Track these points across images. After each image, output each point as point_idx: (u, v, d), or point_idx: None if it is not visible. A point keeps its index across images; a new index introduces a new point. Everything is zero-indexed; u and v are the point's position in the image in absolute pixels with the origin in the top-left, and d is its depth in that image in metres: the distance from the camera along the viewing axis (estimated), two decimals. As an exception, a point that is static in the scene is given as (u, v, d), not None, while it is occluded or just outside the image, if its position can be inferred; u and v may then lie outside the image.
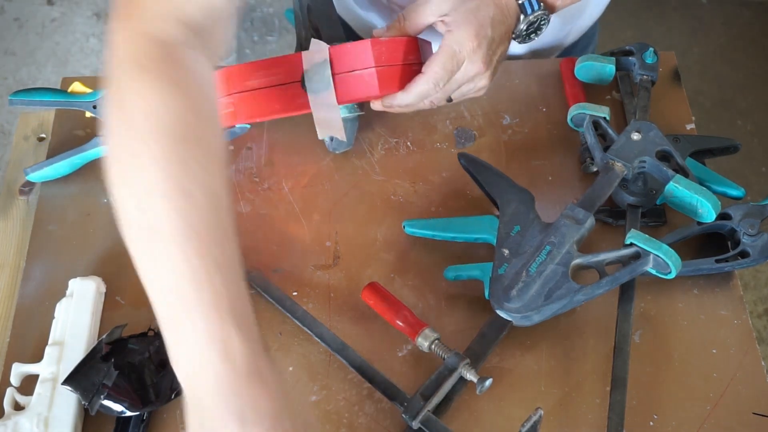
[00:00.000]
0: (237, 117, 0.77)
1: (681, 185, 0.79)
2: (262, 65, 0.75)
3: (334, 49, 0.75)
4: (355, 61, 0.75)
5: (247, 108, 0.76)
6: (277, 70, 0.75)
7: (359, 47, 0.75)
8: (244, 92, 0.75)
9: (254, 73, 0.75)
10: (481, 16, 0.77)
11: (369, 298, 0.78)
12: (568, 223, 0.77)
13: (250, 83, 0.75)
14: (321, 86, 0.75)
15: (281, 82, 0.75)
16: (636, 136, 0.82)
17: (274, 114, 0.77)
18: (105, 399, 0.71)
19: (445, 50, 0.77)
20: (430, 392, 0.72)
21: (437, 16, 0.77)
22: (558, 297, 0.73)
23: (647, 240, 0.74)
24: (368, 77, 0.75)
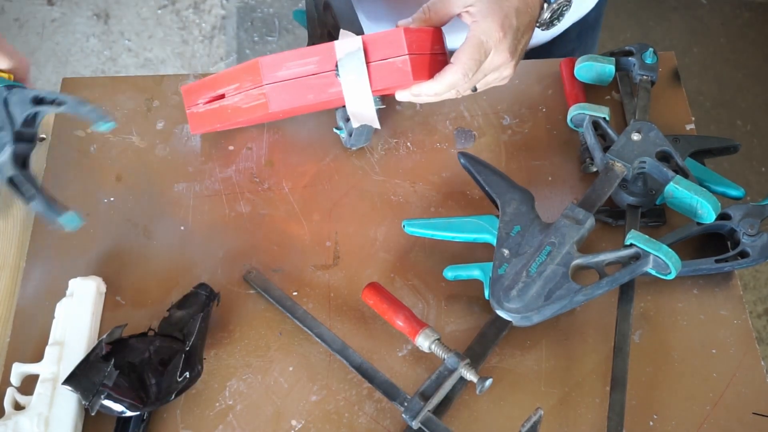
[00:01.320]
0: (270, 107, 0.77)
1: (681, 186, 0.79)
2: (295, 55, 0.75)
3: (367, 38, 0.75)
4: (388, 48, 0.75)
5: (279, 98, 0.76)
6: (310, 60, 0.75)
7: (392, 35, 0.75)
8: (276, 83, 0.75)
9: (286, 63, 0.75)
10: (506, 6, 0.77)
11: (369, 298, 0.78)
12: (569, 223, 0.77)
13: (282, 74, 0.75)
14: (355, 75, 0.75)
15: (314, 72, 0.75)
16: (636, 136, 0.82)
17: (306, 103, 0.77)
18: (105, 399, 0.71)
19: (473, 41, 0.77)
20: (430, 392, 0.72)
21: (462, 7, 0.78)
22: (558, 297, 0.73)
23: (647, 241, 0.74)
24: (401, 64, 0.76)
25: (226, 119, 0.83)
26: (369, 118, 0.79)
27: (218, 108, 0.83)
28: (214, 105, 0.84)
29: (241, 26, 2.37)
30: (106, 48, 2.31)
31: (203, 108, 0.85)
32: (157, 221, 0.87)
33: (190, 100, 0.86)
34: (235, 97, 0.80)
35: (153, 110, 0.96)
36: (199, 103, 0.85)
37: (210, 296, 0.79)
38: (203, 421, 0.75)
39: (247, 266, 0.83)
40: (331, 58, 0.75)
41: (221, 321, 0.80)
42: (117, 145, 0.93)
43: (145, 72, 2.26)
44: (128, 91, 0.97)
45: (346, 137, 0.89)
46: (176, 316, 0.78)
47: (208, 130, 0.88)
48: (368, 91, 0.77)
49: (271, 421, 0.75)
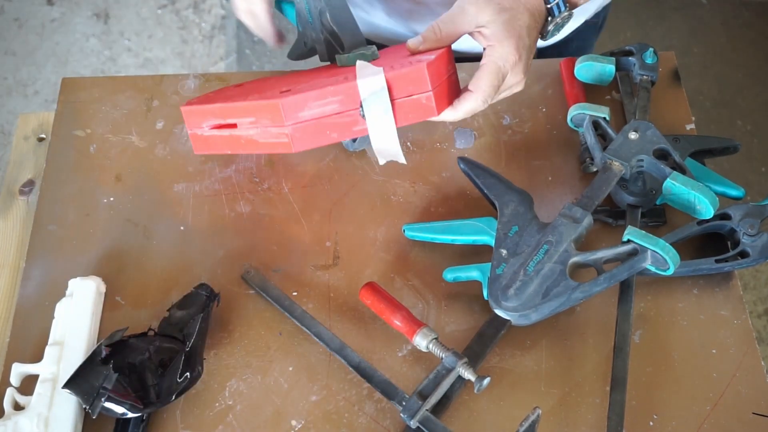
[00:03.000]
0: (293, 147, 0.76)
1: (678, 182, 0.79)
2: (317, 96, 0.74)
3: (390, 75, 0.74)
4: (411, 86, 0.74)
5: (303, 139, 0.76)
6: (333, 100, 0.74)
7: (415, 72, 0.74)
8: (298, 123, 0.74)
9: (308, 103, 0.74)
10: (518, 26, 0.76)
11: (367, 298, 0.78)
12: (566, 222, 0.77)
13: (304, 114, 0.74)
14: (380, 114, 0.74)
15: (338, 111, 0.75)
16: (633, 135, 0.82)
17: (329, 141, 0.76)
18: (106, 401, 0.71)
19: (491, 67, 0.76)
20: (428, 391, 0.72)
21: (474, 27, 0.77)
22: (556, 295, 0.73)
23: (644, 236, 0.74)
24: (426, 101, 0.75)
25: (237, 148, 0.82)
26: (394, 153, 0.77)
27: (229, 136, 0.82)
28: (223, 132, 0.82)
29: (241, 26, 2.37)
30: (105, 48, 2.31)
31: (209, 132, 0.83)
32: (156, 221, 0.87)
33: (193, 122, 0.84)
34: (250, 130, 0.79)
35: (153, 110, 0.96)
36: (204, 127, 0.83)
37: (210, 296, 0.79)
38: (203, 421, 0.75)
39: (246, 266, 0.83)
40: (355, 96, 0.74)
41: (221, 321, 0.80)
42: (117, 145, 0.93)
43: (145, 72, 2.26)
44: (128, 91, 0.97)
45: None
46: (176, 317, 0.78)
47: (215, 152, 0.86)
48: (393, 128, 0.76)
49: (271, 421, 0.75)
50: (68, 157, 0.92)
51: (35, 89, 2.24)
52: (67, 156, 0.92)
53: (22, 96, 2.23)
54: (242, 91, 0.87)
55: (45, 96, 2.23)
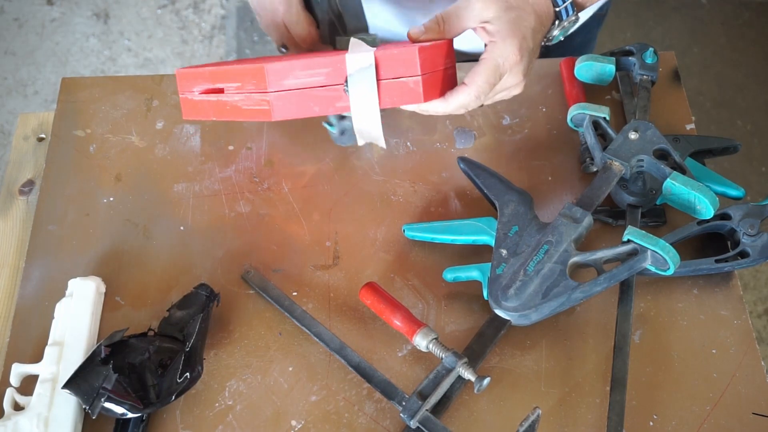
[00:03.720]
0: (273, 115, 0.75)
1: (678, 182, 0.79)
2: (303, 65, 0.73)
3: (379, 54, 0.73)
4: (401, 68, 0.73)
5: (284, 108, 0.74)
6: (319, 72, 0.73)
7: (406, 54, 0.73)
8: (281, 91, 0.73)
9: (294, 71, 0.73)
10: (523, 27, 0.76)
11: (366, 298, 0.78)
12: (566, 222, 0.77)
13: (289, 82, 0.73)
14: (365, 92, 0.73)
15: (322, 84, 0.73)
16: (633, 135, 0.82)
17: (310, 114, 0.75)
18: (106, 401, 0.71)
19: (489, 63, 0.75)
20: (428, 391, 0.72)
21: (479, 22, 0.76)
22: (556, 295, 0.73)
23: (644, 236, 0.74)
24: (413, 85, 0.74)
25: (222, 114, 0.81)
26: (375, 136, 0.77)
27: (216, 102, 0.81)
28: (210, 97, 0.81)
29: (241, 26, 2.37)
30: (105, 48, 2.31)
31: (198, 97, 0.82)
32: (156, 221, 0.87)
33: (185, 86, 0.83)
34: (235, 95, 0.78)
35: (153, 110, 0.96)
36: (194, 91, 0.82)
37: (210, 296, 0.79)
38: (203, 421, 0.75)
39: (246, 266, 0.83)
40: (341, 71, 0.73)
41: (221, 321, 0.80)
42: (116, 144, 0.93)
43: (145, 72, 2.26)
44: (128, 91, 0.97)
45: (337, 134, 0.87)
46: (176, 317, 0.78)
47: (202, 118, 0.85)
48: (377, 110, 0.75)
49: (271, 422, 0.75)
50: (68, 157, 0.92)
51: (35, 89, 2.24)
52: (67, 156, 0.92)
53: (22, 96, 2.23)
54: (238, 62, 0.85)
55: (45, 96, 2.23)
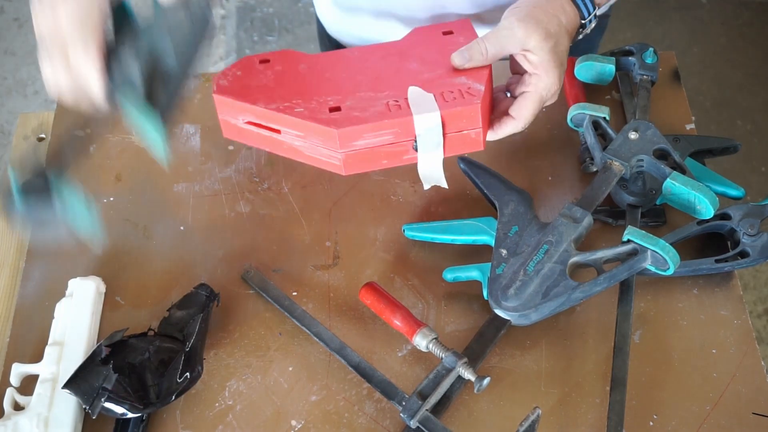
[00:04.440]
0: (345, 170, 0.79)
1: (678, 182, 0.79)
2: (373, 128, 0.76)
3: (445, 113, 0.76)
4: (463, 122, 0.77)
5: (355, 163, 0.78)
6: (388, 131, 0.76)
7: (469, 111, 0.77)
8: (352, 150, 0.77)
9: (364, 134, 0.76)
10: (560, 53, 0.79)
11: (366, 298, 0.78)
12: (566, 222, 0.77)
13: (359, 143, 0.77)
14: (431, 147, 0.77)
15: (391, 142, 0.77)
16: (633, 135, 0.82)
17: (380, 167, 0.79)
18: (106, 401, 0.71)
19: (536, 97, 0.80)
20: (428, 391, 0.72)
21: (520, 49, 0.79)
22: (556, 294, 0.73)
23: (644, 236, 0.74)
24: (475, 135, 0.79)
25: (277, 149, 0.83)
26: (438, 179, 0.80)
27: (269, 138, 0.82)
28: (262, 131, 0.82)
29: (241, 26, 2.37)
30: (105, 48, 2.31)
31: (245, 126, 0.83)
32: (156, 221, 0.87)
33: (227, 111, 0.83)
34: (296, 141, 0.80)
35: (153, 110, 0.95)
36: (239, 119, 0.83)
37: (210, 296, 0.79)
38: (203, 421, 0.75)
39: (246, 266, 0.83)
40: (409, 129, 0.76)
41: (221, 321, 0.80)
42: (117, 144, 0.93)
43: (145, 72, 2.26)
44: (128, 91, 0.97)
45: None
46: (176, 317, 0.78)
47: (246, 143, 0.86)
48: (441, 159, 0.79)
49: (271, 421, 0.75)
50: (68, 157, 0.92)
51: (35, 89, 2.24)
52: (67, 156, 0.92)
53: (22, 96, 2.23)
54: (280, 86, 0.84)
55: (45, 96, 2.23)
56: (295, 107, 0.79)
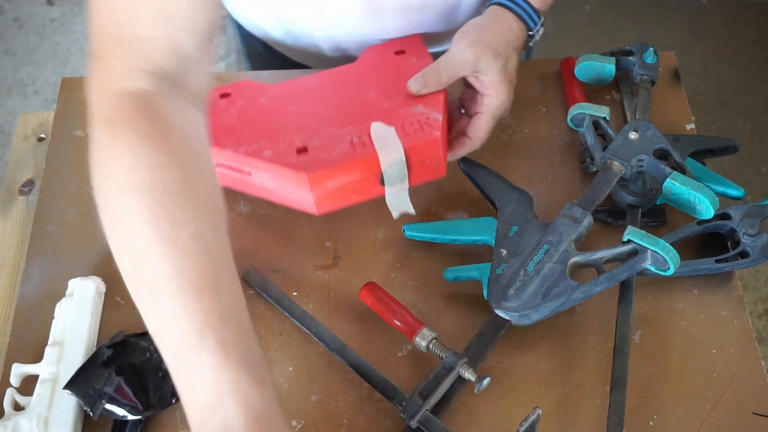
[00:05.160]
0: (318, 210, 0.81)
1: (678, 182, 0.79)
2: (342, 169, 0.78)
3: (407, 147, 0.79)
4: (426, 154, 0.80)
5: (327, 202, 0.81)
6: (356, 170, 0.79)
7: (430, 143, 0.79)
8: (323, 191, 0.79)
9: (334, 175, 0.78)
10: (509, 70, 0.83)
11: (367, 299, 0.78)
12: (566, 222, 0.77)
13: (329, 184, 0.79)
14: (397, 179, 0.80)
15: (359, 178, 0.80)
16: (633, 135, 0.82)
17: (350, 203, 0.82)
18: (107, 403, 0.71)
19: (488, 116, 0.83)
20: (428, 392, 0.72)
21: (472, 72, 0.82)
22: (556, 295, 0.73)
23: (644, 236, 0.74)
24: (437, 165, 0.82)
25: (250, 191, 0.85)
26: (405, 207, 0.82)
27: (241, 180, 0.83)
28: (234, 174, 0.83)
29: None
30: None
31: (219, 168, 0.84)
32: (156, 221, 0.87)
33: None
34: (267, 182, 0.81)
35: (153, 110, 0.95)
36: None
37: (210, 296, 0.78)
38: (203, 421, 0.75)
39: (246, 266, 0.83)
40: (375, 166, 0.79)
41: (221, 321, 0.80)
42: (117, 145, 0.93)
43: (145, 72, 2.26)
44: (128, 91, 0.97)
45: None
46: (176, 317, 0.78)
47: None
48: (407, 189, 0.81)
49: (271, 422, 0.75)
50: (68, 157, 0.92)
51: (35, 89, 2.24)
52: (67, 156, 0.92)
53: (22, 96, 2.23)
54: (245, 125, 0.84)
55: (45, 96, 2.23)
56: (264, 150, 0.80)
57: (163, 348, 0.57)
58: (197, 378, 0.56)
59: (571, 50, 2.21)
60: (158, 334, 0.58)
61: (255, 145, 0.81)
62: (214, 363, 0.55)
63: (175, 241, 0.57)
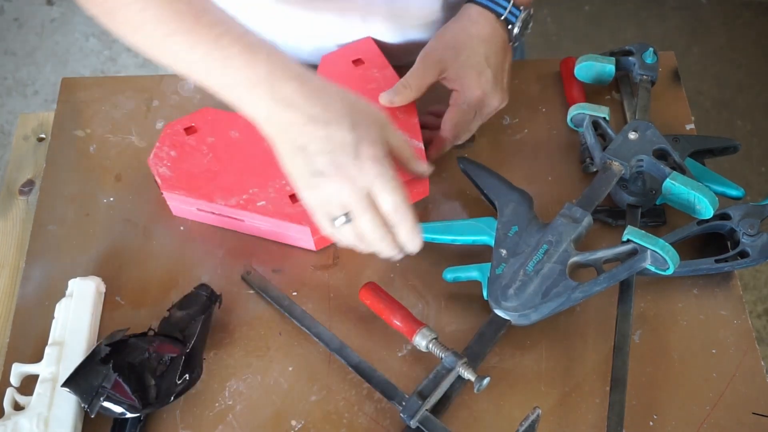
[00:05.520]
0: (316, 247, 0.84)
1: (678, 182, 0.79)
2: None
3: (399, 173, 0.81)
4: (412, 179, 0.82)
5: (324, 241, 0.83)
6: None
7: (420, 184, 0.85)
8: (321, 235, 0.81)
9: None
10: (475, 62, 0.83)
11: (366, 298, 0.78)
12: (565, 222, 0.77)
13: None
14: None
15: None
16: (633, 135, 0.82)
17: None
18: (105, 401, 0.71)
19: (454, 111, 0.85)
20: (428, 391, 0.72)
21: (439, 74, 0.84)
22: (556, 295, 0.73)
23: (644, 236, 0.74)
24: (422, 187, 0.86)
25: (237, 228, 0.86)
26: None
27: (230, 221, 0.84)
28: (224, 219, 0.85)
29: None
30: (105, 48, 2.31)
31: (199, 212, 0.85)
32: (156, 221, 0.87)
33: (180, 202, 0.85)
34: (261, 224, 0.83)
35: (152, 110, 0.96)
36: (194, 208, 0.85)
37: (211, 297, 0.79)
38: (203, 421, 0.75)
39: (246, 266, 0.83)
40: None
41: (221, 321, 0.80)
42: (116, 144, 0.93)
43: (145, 72, 2.26)
44: (128, 91, 0.97)
45: None
46: (176, 317, 0.78)
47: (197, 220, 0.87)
48: None
49: (271, 422, 0.75)
50: (68, 157, 0.92)
51: (35, 89, 2.24)
52: (67, 156, 0.92)
53: (22, 96, 2.23)
54: (226, 169, 0.83)
55: (45, 96, 2.23)
56: (256, 200, 0.81)
57: (191, 69, 0.67)
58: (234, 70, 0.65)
59: (571, 50, 2.21)
60: (181, 63, 0.67)
61: (246, 195, 0.82)
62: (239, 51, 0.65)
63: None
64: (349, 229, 0.70)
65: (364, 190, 0.67)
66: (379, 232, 0.70)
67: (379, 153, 0.67)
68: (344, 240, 0.72)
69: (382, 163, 0.67)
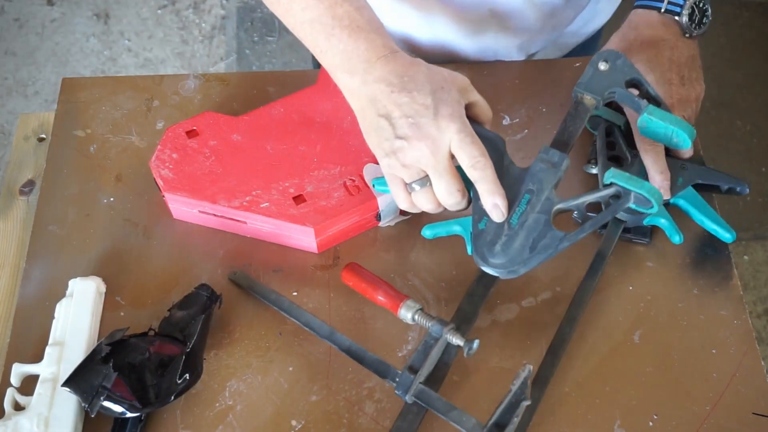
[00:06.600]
0: (318, 249, 0.85)
1: (655, 116, 0.76)
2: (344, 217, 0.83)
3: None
4: None
5: (327, 243, 0.85)
6: (355, 214, 0.83)
7: None
8: (326, 235, 0.83)
9: (336, 224, 0.83)
10: (661, 62, 0.85)
11: (348, 280, 0.78)
12: (545, 167, 0.74)
13: (332, 229, 0.83)
14: (392, 213, 0.86)
15: (357, 221, 0.85)
16: (603, 66, 0.78)
17: (346, 239, 0.86)
18: (105, 400, 0.71)
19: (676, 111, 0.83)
20: (418, 364, 0.71)
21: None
22: (543, 247, 0.71)
23: (628, 178, 0.71)
24: None
25: (238, 231, 0.86)
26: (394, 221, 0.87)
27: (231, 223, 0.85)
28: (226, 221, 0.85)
29: (241, 26, 2.38)
30: (106, 48, 2.31)
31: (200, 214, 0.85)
32: (157, 221, 0.87)
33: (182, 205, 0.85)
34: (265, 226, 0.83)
35: (153, 110, 0.96)
36: (195, 210, 0.85)
37: (211, 297, 0.79)
38: (203, 421, 0.75)
39: (233, 267, 0.83)
40: (373, 207, 0.84)
41: (221, 321, 0.80)
42: (117, 145, 0.93)
43: (145, 72, 2.26)
44: (128, 91, 0.97)
45: None
46: (177, 317, 0.78)
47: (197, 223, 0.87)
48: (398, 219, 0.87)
49: (271, 422, 0.75)
50: (68, 157, 0.92)
51: (35, 89, 2.25)
52: (67, 156, 0.92)
53: (22, 96, 2.23)
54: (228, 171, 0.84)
55: (45, 96, 2.23)
56: (259, 202, 0.82)
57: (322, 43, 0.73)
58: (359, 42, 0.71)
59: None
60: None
61: (249, 197, 0.82)
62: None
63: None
64: (426, 193, 0.72)
65: (444, 149, 0.69)
66: (455, 198, 0.71)
67: (457, 112, 0.70)
68: (420, 205, 0.74)
69: (460, 120, 0.70)
